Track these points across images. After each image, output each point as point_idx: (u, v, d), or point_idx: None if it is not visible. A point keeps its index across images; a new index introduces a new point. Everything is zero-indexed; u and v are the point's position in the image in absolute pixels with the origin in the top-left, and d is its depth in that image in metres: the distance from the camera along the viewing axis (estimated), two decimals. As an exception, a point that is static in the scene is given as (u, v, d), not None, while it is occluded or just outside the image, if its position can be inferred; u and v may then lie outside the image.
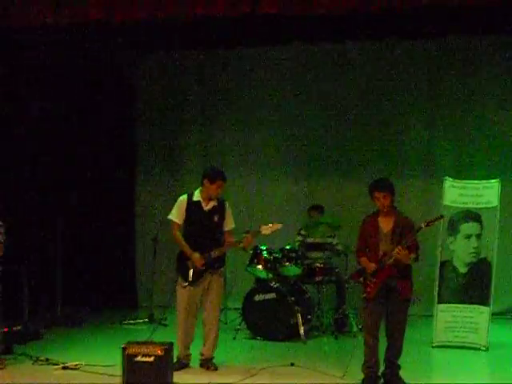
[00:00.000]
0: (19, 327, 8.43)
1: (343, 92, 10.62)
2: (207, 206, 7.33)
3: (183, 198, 7.43)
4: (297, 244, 9.42)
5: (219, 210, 7.37)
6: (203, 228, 7.29)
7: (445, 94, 10.38)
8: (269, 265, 8.88)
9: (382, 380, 6.88)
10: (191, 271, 7.23)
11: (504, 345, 8.41)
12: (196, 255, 7.22)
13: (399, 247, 6.59)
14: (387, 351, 6.89)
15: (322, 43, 10.48)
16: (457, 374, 7.25)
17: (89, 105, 10.79)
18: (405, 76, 10.46)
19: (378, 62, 10.52)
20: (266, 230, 7.37)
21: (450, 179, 8.56)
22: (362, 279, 6.82)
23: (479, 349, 8.12)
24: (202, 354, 7.42)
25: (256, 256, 8.94)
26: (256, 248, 8.93)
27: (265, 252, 8.93)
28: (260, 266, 8.88)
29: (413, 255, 6.69)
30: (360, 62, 10.54)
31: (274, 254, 8.96)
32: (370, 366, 6.83)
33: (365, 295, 6.77)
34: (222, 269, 7.44)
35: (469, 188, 8.45)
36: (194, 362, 7.46)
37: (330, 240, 9.32)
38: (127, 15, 7.80)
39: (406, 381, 6.81)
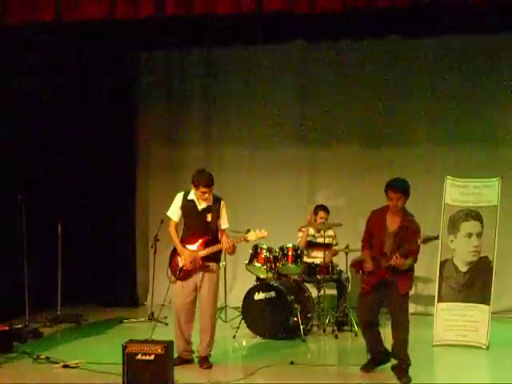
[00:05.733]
0: (20, 325, 8.44)
1: (344, 91, 10.59)
2: (201, 205, 7.34)
3: (179, 195, 7.48)
4: (298, 241, 9.38)
5: (214, 208, 7.36)
6: (197, 226, 7.33)
7: (445, 93, 10.37)
8: (268, 263, 8.88)
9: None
10: (179, 267, 7.33)
11: (504, 344, 8.40)
12: (185, 252, 7.27)
13: (397, 255, 6.69)
14: (392, 344, 6.99)
15: (324, 42, 10.47)
16: (457, 373, 7.25)
17: (89, 104, 10.79)
18: (406, 75, 10.44)
19: (378, 61, 10.49)
20: (252, 236, 7.43)
21: (451, 178, 8.56)
22: (361, 272, 7.05)
23: (479, 348, 8.11)
24: (197, 352, 7.45)
25: (256, 254, 8.92)
26: (256, 246, 8.92)
27: (264, 250, 8.92)
28: (260, 265, 8.87)
29: (409, 261, 6.78)
30: (361, 61, 10.51)
31: (273, 253, 8.95)
32: (371, 349, 7.11)
33: (361, 288, 7.03)
34: (215, 265, 7.39)
35: (469, 187, 8.46)
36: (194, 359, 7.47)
37: (329, 240, 9.29)
38: (129, 13, 7.79)
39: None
